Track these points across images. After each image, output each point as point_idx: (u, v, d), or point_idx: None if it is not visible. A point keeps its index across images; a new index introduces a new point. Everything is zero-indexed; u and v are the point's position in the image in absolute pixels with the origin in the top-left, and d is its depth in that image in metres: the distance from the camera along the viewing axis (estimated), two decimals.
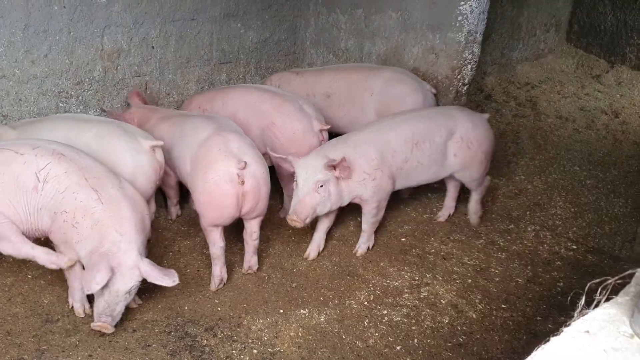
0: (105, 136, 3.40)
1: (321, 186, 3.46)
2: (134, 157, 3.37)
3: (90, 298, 3.16)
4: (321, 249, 3.89)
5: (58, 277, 3.38)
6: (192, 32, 4.74)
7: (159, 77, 4.68)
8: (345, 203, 3.68)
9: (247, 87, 4.32)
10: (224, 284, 3.51)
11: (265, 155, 4.07)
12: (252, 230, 3.54)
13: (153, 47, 4.55)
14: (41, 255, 2.97)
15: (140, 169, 3.37)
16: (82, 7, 4.07)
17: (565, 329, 0.96)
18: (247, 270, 3.65)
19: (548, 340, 0.94)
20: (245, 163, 3.24)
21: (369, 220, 3.84)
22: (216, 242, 3.43)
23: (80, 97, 4.29)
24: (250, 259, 3.64)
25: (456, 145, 3.89)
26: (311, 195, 3.46)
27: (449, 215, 4.38)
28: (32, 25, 3.90)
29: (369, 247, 3.93)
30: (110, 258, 2.81)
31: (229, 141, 3.37)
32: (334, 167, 3.45)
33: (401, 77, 4.37)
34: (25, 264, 3.51)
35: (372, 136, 3.73)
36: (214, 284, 3.48)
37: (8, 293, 3.30)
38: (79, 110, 4.27)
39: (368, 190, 3.66)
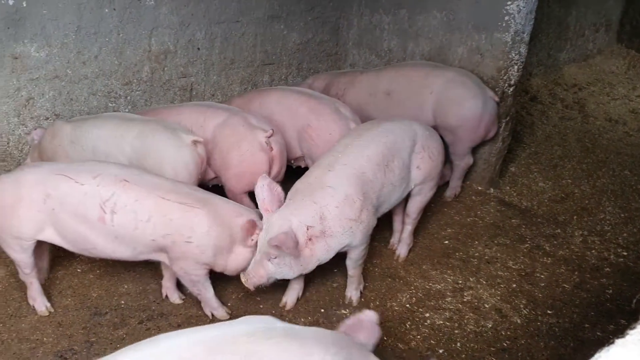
0: (148, 134, 3.48)
1: (274, 257, 2.93)
2: (177, 152, 3.43)
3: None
4: (299, 296, 3.40)
5: (106, 272, 3.47)
6: (237, 34, 4.80)
7: (204, 78, 4.76)
8: (330, 258, 3.11)
9: (283, 89, 4.33)
10: None
11: (300, 158, 4.10)
12: None
13: (199, 49, 4.63)
14: None
15: (182, 163, 3.44)
16: (131, 9, 4.17)
17: (630, 332, 0.93)
18: None
19: (612, 342, 0.92)
20: (273, 130, 3.58)
21: (356, 263, 3.30)
22: (249, 205, 3.62)
23: (128, 97, 4.40)
24: None
25: (418, 156, 3.46)
26: (265, 263, 2.95)
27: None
28: (83, 27, 4.01)
29: (361, 291, 3.48)
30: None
31: (247, 117, 3.68)
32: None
33: (464, 80, 4.28)
34: (75, 258, 3.61)
35: (345, 173, 3.12)
36: None
37: (59, 286, 3.40)
38: (126, 110, 4.37)
39: (357, 236, 3.10)
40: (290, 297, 3.37)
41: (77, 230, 2.90)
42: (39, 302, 3.18)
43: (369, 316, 2.05)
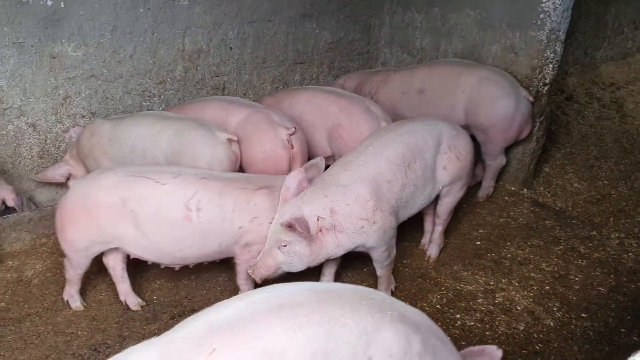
0: (185, 131, 3.54)
1: (284, 245, 2.91)
2: (212, 149, 3.48)
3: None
4: None
5: (138, 268, 3.52)
6: (269, 33, 4.82)
7: (237, 77, 4.79)
8: (340, 254, 3.10)
9: (314, 89, 4.33)
10: None
11: (330, 158, 4.10)
12: None
13: (231, 48, 4.67)
14: None
15: (217, 159, 3.48)
16: (165, 9, 4.22)
17: None
18: None
19: None
20: (295, 128, 3.63)
21: (382, 264, 3.29)
22: None
23: (162, 96, 4.46)
24: None
25: (445, 157, 3.38)
26: (274, 252, 2.93)
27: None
28: (119, 27, 4.08)
29: (392, 291, 3.48)
30: None
31: (269, 114, 3.73)
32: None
33: (497, 79, 4.20)
34: None
35: (360, 173, 3.09)
36: None
37: (94, 281, 3.47)
38: (160, 109, 4.44)
39: (372, 237, 3.06)
40: None
41: (160, 232, 2.92)
42: (75, 299, 3.25)
43: (494, 352, 2.06)
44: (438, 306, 3.37)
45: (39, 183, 4.16)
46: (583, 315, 3.33)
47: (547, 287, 3.55)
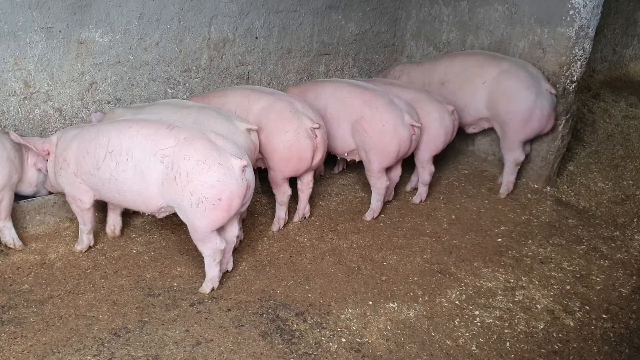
0: (204, 120, 3.54)
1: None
2: (231, 138, 3.47)
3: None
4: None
5: (160, 255, 3.56)
6: (295, 24, 4.82)
7: (261, 67, 4.80)
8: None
9: (339, 82, 4.28)
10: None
11: (354, 151, 4.09)
12: (309, 180, 4.00)
13: (257, 38, 4.67)
14: None
15: None
16: None
17: None
18: (300, 219, 4.11)
19: None
20: (319, 125, 3.71)
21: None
22: (286, 192, 3.94)
23: (187, 84, 4.48)
24: (305, 207, 4.10)
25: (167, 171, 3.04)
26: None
27: None
28: (146, 14, 4.11)
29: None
30: None
31: (292, 102, 3.77)
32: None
33: (518, 71, 4.17)
34: (131, 240, 3.73)
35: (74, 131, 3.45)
36: (278, 225, 4.00)
37: (115, 266, 3.52)
38: (185, 97, 4.46)
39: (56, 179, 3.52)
40: None
41: None
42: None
43: None
44: (457, 302, 3.35)
45: None
46: (604, 316, 3.29)
47: (568, 287, 3.51)
